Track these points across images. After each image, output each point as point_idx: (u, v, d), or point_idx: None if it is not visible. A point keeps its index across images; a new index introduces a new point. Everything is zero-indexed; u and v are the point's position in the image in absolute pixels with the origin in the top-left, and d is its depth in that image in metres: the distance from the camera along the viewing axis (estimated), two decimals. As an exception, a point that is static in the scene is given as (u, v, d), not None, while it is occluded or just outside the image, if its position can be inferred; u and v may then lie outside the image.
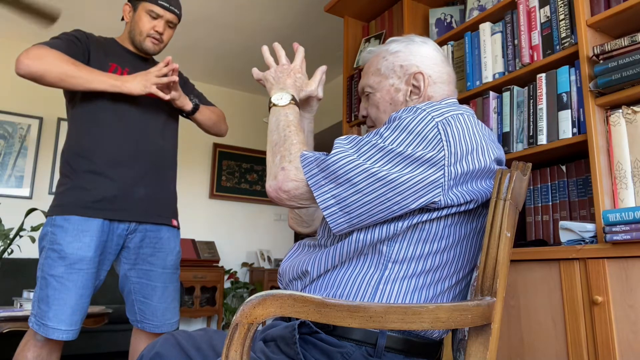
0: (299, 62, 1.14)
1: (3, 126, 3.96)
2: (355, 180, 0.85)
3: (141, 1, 1.75)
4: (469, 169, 0.89)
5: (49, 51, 1.59)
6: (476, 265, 0.98)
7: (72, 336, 1.57)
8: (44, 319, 1.55)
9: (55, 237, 1.60)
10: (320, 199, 0.87)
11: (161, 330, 1.73)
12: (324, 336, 0.88)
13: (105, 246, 1.66)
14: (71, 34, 1.73)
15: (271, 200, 0.94)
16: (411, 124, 0.87)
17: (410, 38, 1.09)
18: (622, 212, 1.23)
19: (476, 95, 1.86)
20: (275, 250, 4.99)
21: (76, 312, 1.57)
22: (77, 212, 1.61)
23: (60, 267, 1.57)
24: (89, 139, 1.69)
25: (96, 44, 1.76)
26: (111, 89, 1.61)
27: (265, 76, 1.13)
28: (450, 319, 0.76)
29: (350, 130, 2.51)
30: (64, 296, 1.55)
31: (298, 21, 3.73)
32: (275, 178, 0.92)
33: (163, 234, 1.77)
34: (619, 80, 1.35)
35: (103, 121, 1.70)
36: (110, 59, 1.75)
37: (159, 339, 1.06)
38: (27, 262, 3.51)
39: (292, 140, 0.96)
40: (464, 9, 2.10)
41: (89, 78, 1.59)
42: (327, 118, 4.77)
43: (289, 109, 1.02)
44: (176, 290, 1.80)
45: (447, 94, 1.05)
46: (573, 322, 1.33)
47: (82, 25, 3.79)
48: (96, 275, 1.64)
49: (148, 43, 1.77)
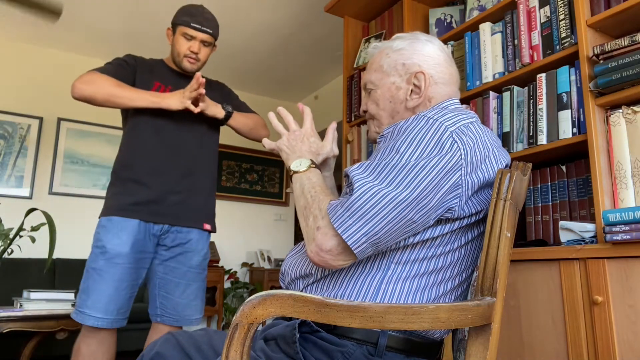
0: (309, 125, 1.11)
1: (3, 126, 3.96)
2: (383, 213, 0.83)
3: (178, 25, 1.92)
4: (483, 178, 0.90)
5: (98, 76, 1.81)
6: (477, 265, 0.99)
7: (107, 324, 1.72)
8: (82, 307, 1.73)
9: (99, 235, 1.81)
10: (351, 241, 0.83)
11: (179, 324, 1.87)
12: (325, 335, 0.88)
13: (142, 244, 1.83)
14: (122, 58, 1.96)
15: (319, 265, 0.88)
16: (426, 136, 0.87)
17: (416, 36, 1.08)
18: (622, 212, 1.23)
19: (476, 95, 1.86)
20: (275, 250, 4.99)
21: (112, 302, 1.73)
22: (118, 213, 1.81)
23: (101, 260, 1.76)
24: (131, 151, 1.91)
25: (143, 65, 1.97)
26: (152, 105, 1.81)
27: (278, 146, 1.10)
28: (450, 319, 0.76)
29: (350, 130, 2.51)
30: (102, 287, 1.73)
31: (298, 21, 3.73)
32: (314, 240, 0.87)
33: (193, 235, 1.93)
34: (619, 80, 1.35)
35: (143, 135, 1.91)
36: (155, 77, 1.95)
37: (159, 339, 1.05)
38: (27, 262, 3.51)
39: (320, 198, 0.92)
40: (464, 9, 2.10)
41: (132, 97, 1.80)
42: (327, 118, 4.77)
43: (310, 173, 1.00)
44: (199, 289, 1.93)
45: (449, 95, 1.05)
46: (573, 322, 1.33)
47: (82, 25, 3.80)
48: (134, 271, 1.80)
49: (186, 63, 1.94)
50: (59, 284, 3.60)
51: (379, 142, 1.00)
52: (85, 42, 4.10)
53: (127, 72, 1.90)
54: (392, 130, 0.94)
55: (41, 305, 2.43)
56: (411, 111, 1.04)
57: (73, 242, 3.95)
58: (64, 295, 2.54)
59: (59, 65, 4.24)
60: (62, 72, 4.23)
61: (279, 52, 4.21)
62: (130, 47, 4.15)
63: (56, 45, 4.17)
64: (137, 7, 3.56)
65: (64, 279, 3.64)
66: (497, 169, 0.92)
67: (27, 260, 3.50)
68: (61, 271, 3.68)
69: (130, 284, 1.79)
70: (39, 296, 2.45)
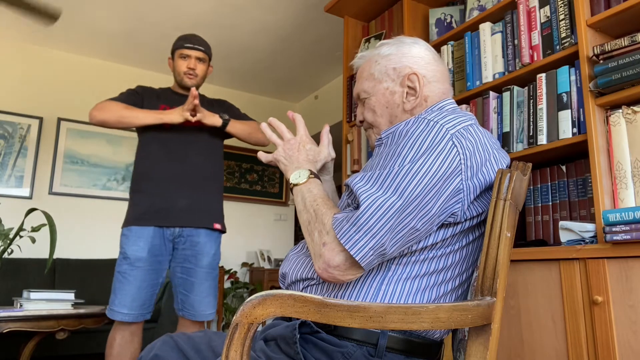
0: (302, 132, 1.11)
1: (3, 126, 3.96)
2: (389, 224, 0.82)
3: (175, 50, 2.24)
4: (485, 181, 0.90)
5: (109, 103, 2.11)
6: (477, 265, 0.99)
7: (133, 318, 2.02)
8: (112, 305, 2.03)
9: (121, 243, 2.10)
10: (359, 256, 0.82)
11: (196, 318, 2.12)
12: (325, 336, 0.88)
13: (158, 248, 2.09)
14: (133, 89, 2.26)
15: (327, 281, 0.88)
16: (427, 140, 0.87)
17: (400, 40, 1.09)
18: (622, 212, 1.23)
19: (476, 95, 1.86)
20: (275, 250, 4.99)
21: (135, 299, 2.02)
22: (135, 223, 2.09)
23: (124, 265, 2.05)
24: (141, 165, 2.19)
25: (150, 92, 2.27)
26: (157, 122, 2.08)
27: (275, 157, 1.10)
28: (450, 319, 0.76)
29: (350, 130, 2.51)
30: (126, 287, 2.02)
31: (298, 21, 3.73)
32: (321, 256, 0.86)
33: (201, 238, 2.15)
34: (619, 80, 1.35)
35: (152, 150, 2.17)
36: (162, 101, 2.23)
37: (158, 341, 1.05)
38: (27, 262, 3.51)
39: (323, 212, 0.91)
40: (464, 9, 2.10)
41: (139, 116, 2.08)
42: (327, 118, 4.77)
43: (310, 184, 0.99)
44: (211, 287, 2.18)
45: (443, 92, 1.06)
46: (573, 322, 1.33)
47: (82, 25, 3.80)
48: (153, 272, 2.07)
49: (186, 79, 2.22)
50: (59, 284, 3.60)
51: (378, 146, 1.00)
52: (85, 42, 4.10)
53: (136, 98, 2.19)
54: (392, 132, 0.94)
55: (41, 305, 2.43)
56: (409, 113, 1.04)
57: (73, 242, 3.95)
58: (63, 295, 2.53)
59: (59, 65, 4.24)
60: (62, 72, 4.23)
61: (278, 52, 4.21)
62: (130, 47, 4.15)
63: (56, 45, 4.17)
64: (137, 7, 3.56)
65: (64, 279, 3.64)
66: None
67: (27, 260, 3.50)
68: (61, 271, 3.67)
69: (151, 284, 2.07)
70: (39, 296, 2.45)
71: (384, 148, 0.93)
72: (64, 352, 3.15)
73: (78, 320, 2.46)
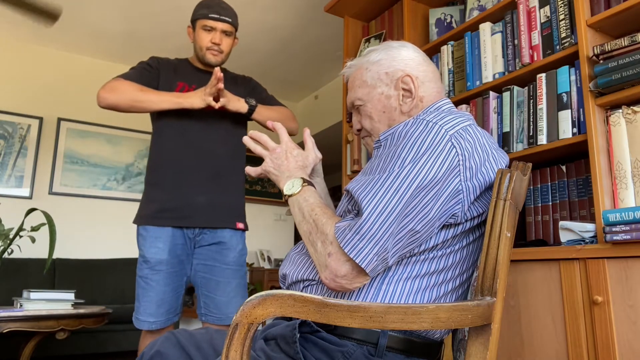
0: (286, 139, 1.09)
1: (3, 126, 3.96)
2: (391, 230, 0.82)
3: (197, 19, 1.91)
4: (484, 181, 0.90)
5: (120, 82, 1.81)
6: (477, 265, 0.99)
7: (160, 325, 1.82)
8: (137, 313, 1.83)
9: (139, 244, 1.88)
10: (365, 263, 0.82)
11: (223, 322, 1.87)
12: (325, 335, 0.88)
13: (179, 248, 1.87)
14: (145, 62, 1.95)
15: (334, 291, 0.87)
16: (426, 141, 0.87)
17: (388, 45, 1.09)
18: (622, 212, 1.23)
19: (476, 95, 1.86)
20: (275, 250, 4.99)
21: (161, 306, 1.82)
22: (152, 222, 1.86)
23: (145, 269, 1.83)
24: (156, 155, 1.93)
25: (166, 66, 1.96)
26: (175, 106, 1.80)
27: (265, 169, 1.07)
28: (450, 319, 0.76)
29: (350, 130, 2.51)
30: (149, 293, 1.82)
31: (298, 21, 3.73)
32: (327, 267, 0.85)
33: (226, 233, 1.92)
34: (619, 80, 1.35)
35: (167, 138, 1.91)
36: (179, 77, 1.94)
37: (160, 338, 1.05)
38: (27, 262, 3.51)
39: (323, 221, 0.89)
40: (464, 9, 2.10)
41: (155, 100, 1.80)
42: (327, 118, 4.78)
43: (305, 193, 0.97)
44: (239, 286, 1.93)
45: (437, 91, 1.06)
46: (573, 322, 1.33)
47: (82, 25, 3.80)
48: (176, 274, 1.86)
49: (209, 55, 1.93)
50: (59, 284, 3.60)
51: (377, 148, 1.00)
52: (85, 42, 4.10)
53: (150, 75, 1.90)
54: (391, 134, 0.94)
55: (41, 305, 2.43)
56: (407, 115, 1.04)
57: (73, 242, 3.95)
58: (63, 295, 2.53)
59: (59, 65, 4.24)
60: (62, 72, 4.23)
61: (279, 52, 4.21)
62: (130, 47, 4.15)
63: (56, 45, 4.17)
64: (137, 7, 3.57)
65: (64, 279, 3.64)
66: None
67: (27, 260, 3.50)
68: (61, 271, 3.68)
69: (175, 287, 1.86)
70: (39, 296, 2.45)
71: (383, 150, 0.93)
72: (64, 352, 3.16)
73: (78, 320, 2.46)
